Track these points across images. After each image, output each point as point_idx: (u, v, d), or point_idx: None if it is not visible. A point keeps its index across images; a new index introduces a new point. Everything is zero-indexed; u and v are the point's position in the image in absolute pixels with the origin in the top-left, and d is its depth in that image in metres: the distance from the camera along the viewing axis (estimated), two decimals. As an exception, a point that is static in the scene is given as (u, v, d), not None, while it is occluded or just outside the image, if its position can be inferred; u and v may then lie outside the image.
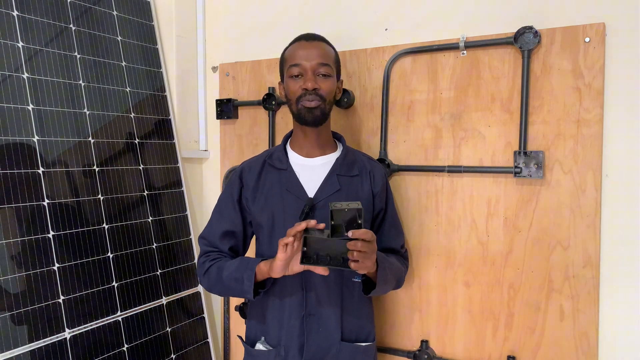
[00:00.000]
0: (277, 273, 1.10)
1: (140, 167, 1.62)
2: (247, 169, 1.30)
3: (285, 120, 1.69)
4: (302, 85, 1.18)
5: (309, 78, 1.18)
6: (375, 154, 1.52)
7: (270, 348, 1.23)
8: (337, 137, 1.33)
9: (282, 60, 1.26)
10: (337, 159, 1.25)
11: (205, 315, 1.76)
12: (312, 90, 1.17)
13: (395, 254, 1.32)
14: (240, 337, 1.33)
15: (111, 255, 1.47)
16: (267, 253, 1.23)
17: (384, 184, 1.31)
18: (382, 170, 1.33)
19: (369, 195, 1.26)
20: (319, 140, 1.25)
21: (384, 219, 1.31)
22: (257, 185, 1.26)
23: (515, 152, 1.31)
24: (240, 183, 1.28)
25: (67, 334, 1.32)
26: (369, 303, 1.29)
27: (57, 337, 1.29)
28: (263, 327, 1.25)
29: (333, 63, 1.23)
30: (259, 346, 1.24)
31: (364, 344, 1.24)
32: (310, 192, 1.21)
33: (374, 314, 1.34)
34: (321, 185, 1.21)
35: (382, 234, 1.31)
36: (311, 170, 1.24)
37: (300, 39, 1.24)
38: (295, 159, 1.26)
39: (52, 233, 1.32)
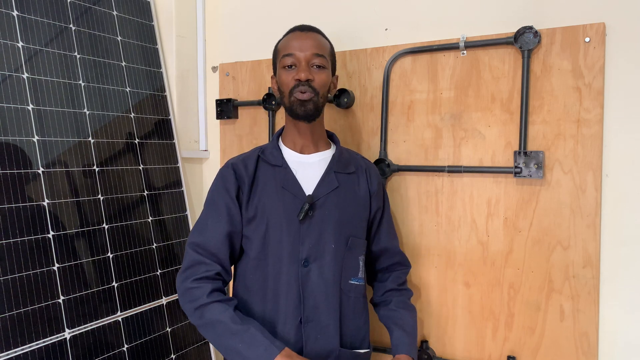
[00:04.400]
0: None
1: (140, 167, 1.62)
2: (241, 164, 1.20)
3: (285, 120, 1.69)
4: (295, 76, 1.14)
5: (303, 68, 1.14)
6: (375, 154, 1.52)
7: None
8: (329, 136, 1.30)
9: (275, 51, 1.22)
10: (334, 156, 1.22)
11: (205, 315, 1.76)
12: (306, 81, 1.14)
13: (394, 255, 1.31)
14: None
15: (111, 255, 1.47)
16: (258, 256, 1.16)
17: (379, 183, 1.29)
18: (377, 170, 1.33)
19: (366, 193, 1.25)
20: (312, 136, 1.22)
21: (381, 220, 1.29)
22: (252, 182, 1.18)
23: (515, 152, 1.31)
24: (236, 179, 1.18)
25: (67, 334, 1.32)
26: (365, 307, 1.26)
27: (57, 337, 1.29)
28: None
29: (328, 55, 1.19)
30: None
31: (362, 350, 1.21)
32: (307, 189, 1.17)
33: (374, 315, 1.33)
34: (319, 182, 1.18)
35: (380, 235, 1.29)
36: (307, 167, 1.20)
37: (295, 29, 1.20)
38: (289, 156, 1.22)
39: (52, 233, 1.32)
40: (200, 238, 1.15)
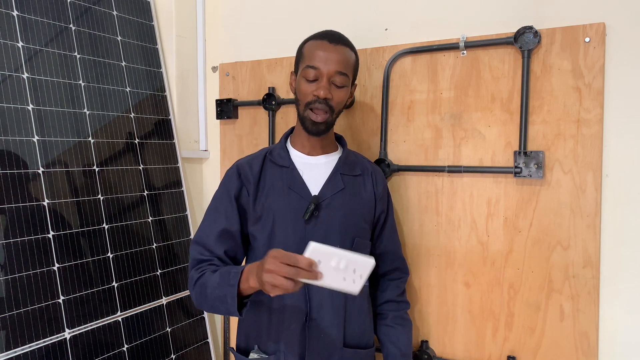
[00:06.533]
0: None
1: (140, 167, 1.62)
2: (247, 165, 1.22)
3: (285, 120, 1.69)
4: (314, 92, 1.14)
5: (323, 86, 1.13)
6: (375, 154, 1.52)
7: (266, 356, 1.17)
8: (337, 138, 1.31)
9: (300, 54, 1.20)
10: (340, 158, 1.24)
11: (205, 315, 1.76)
12: (324, 99, 1.13)
13: (395, 260, 1.32)
14: (232, 349, 1.25)
15: (111, 255, 1.47)
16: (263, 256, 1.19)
17: (385, 187, 1.30)
18: (383, 175, 1.33)
19: (371, 196, 1.25)
20: (322, 141, 1.23)
21: (385, 223, 1.30)
22: (259, 182, 1.20)
23: (515, 152, 1.31)
24: (239, 179, 1.21)
25: (67, 334, 1.32)
26: (369, 308, 1.27)
27: (57, 337, 1.29)
28: (257, 332, 1.19)
29: (351, 71, 1.18)
30: (254, 355, 1.18)
31: (364, 350, 1.22)
32: (314, 190, 1.19)
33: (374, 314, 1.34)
34: (325, 183, 1.19)
35: (383, 238, 1.30)
36: (314, 169, 1.21)
37: (325, 37, 1.17)
38: (297, 157, 1.23)
39: (52, 233, 1.32)
40: (199, 235, 1.20)
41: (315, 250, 0.88)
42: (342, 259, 0.89)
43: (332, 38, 1.17)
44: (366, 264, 0.91)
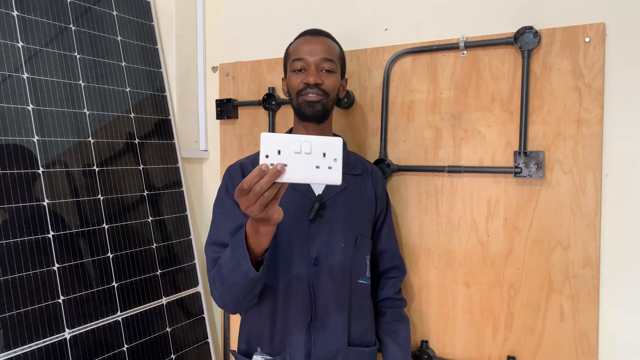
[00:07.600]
0: (268, 237, 0.94)
1: (140, 167, 1.62)
2: (250, 164, 1.22)
3: (285, 120, 1.69)
4: (304, 80, 1.16)
5: (312, 72, 1.16)
6: (375, 154, 1.52)
7: (270, 358, 1.17)
8: None
9: (286, 55, 1.24)
10: None
11: (205, 315, 1.76)
12: (314, 85, 1.15)
13: (393, 258, 1.33)
14: (234, 352, 1.24)
15: (111, 255, 1.47)
16: (269, 257, 1.17)
17: (384, 186, 1.32)
18: (382, 175, 1.35)
19: (371, 195, 1.26)
20: None
21: (384, 222, 1.31)
22: None
23: (515, 152, 1.31)
24: (242, 176, 1.19)
25: (67, 334, 1.32)
26: (371, 306, 1.28)
27: (57, 337, 1.29)
28: (260, 335, 1.18)
29: (337, 59, 1.21)
30: (257, 358, 1.17)
31: (368, 348, 1.23)
32: (316, 189, 1.19)
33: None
34: None
35: (382, 237, 1.31)
36: None
37: (306, 33, 1.22)
38: None
39: (52, 233, 1.32)
40: (213, 236, 1.15)
41: (267, 139, 0.83)
42: (304, 143, 0.83)
43: (313, 32, 1.22)
44: (335, 142, 0.84)
